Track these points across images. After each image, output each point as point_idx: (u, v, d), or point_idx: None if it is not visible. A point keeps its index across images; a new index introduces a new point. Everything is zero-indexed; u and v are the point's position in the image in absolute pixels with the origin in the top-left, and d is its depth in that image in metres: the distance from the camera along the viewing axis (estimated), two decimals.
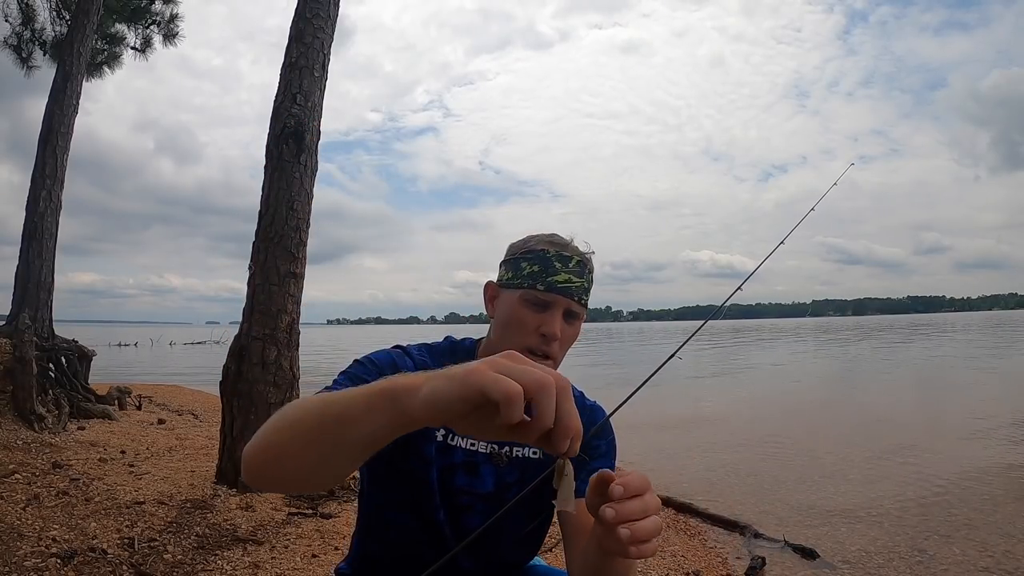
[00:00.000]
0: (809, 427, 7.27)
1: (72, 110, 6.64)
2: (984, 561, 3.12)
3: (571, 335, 1.00)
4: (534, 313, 0.97)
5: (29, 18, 8.60)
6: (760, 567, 3.06)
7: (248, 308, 3.83)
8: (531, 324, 0.96)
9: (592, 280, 1.03)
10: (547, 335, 0.96)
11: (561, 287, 0.97)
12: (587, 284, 1.01)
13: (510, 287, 1.00)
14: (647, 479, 0.69)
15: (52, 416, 5.17)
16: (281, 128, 3.93)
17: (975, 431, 6.49)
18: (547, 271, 0.97)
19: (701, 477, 5.04)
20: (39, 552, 2.50)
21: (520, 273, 0.99)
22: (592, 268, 1.03)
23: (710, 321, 1.25)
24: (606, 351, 27.21)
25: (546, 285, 0.97)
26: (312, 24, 4.09)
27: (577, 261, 0.99)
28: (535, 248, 1.00)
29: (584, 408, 1.06)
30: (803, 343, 29.52)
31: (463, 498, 0.99)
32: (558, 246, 1.00)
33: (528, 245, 1.01)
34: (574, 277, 0.98)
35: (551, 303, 0.97)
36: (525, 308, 0.97)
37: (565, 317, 0.98)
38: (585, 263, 1.01)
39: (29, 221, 6.27)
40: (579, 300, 0.99)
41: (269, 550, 2.81)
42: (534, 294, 0.97)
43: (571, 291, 0.98)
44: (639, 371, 12.21)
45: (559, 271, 0.97)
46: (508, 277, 1.01)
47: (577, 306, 0.99)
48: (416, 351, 1.03)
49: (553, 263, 0.98)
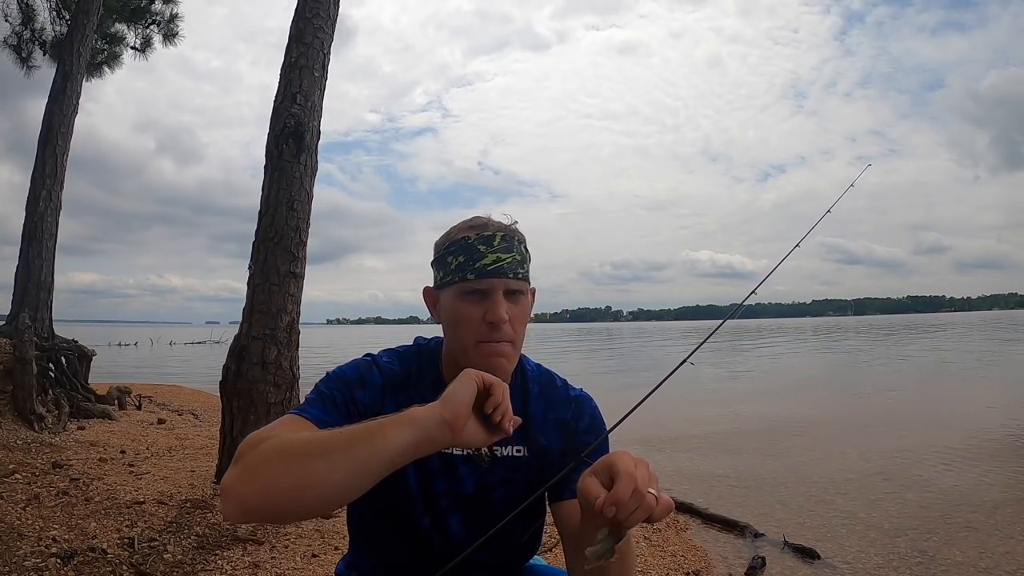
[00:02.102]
0: (809, 427, 7.27)
1: (72, 110, 6.64)
2: (984, 562, 3.11)
3: (520, 313, 0.96)
4: (475, 305, 0.93)
5: (29, 18, 8.61)
6: (760, 567, 3.06)
7: (248, 308, 3.83)
8: (475, 316, 0.93)
9: (525, 251, 0.98)
10: (494, 322, 0.92)
11: (492, 269, 0.93)
12: (519, 256, 0.96)
13: (445, 286, 0.97)
14: (631, 471, 0.68)
15: (52, 416, 5.17)
16: (281, 128, 3.93)
17: (976, 431, 6.48)
18: (473, 258, 0.94)
19: (701, 477, 5.04)
20: (39, 552, 2.50)
21: (449, 269, 0.96)
22: (522, 239, 0.99)
23: (711, 322, 1.24)
24: (607, 355, 27.19)
25: (476, 272, 0.93)
26: (312, 24, 4.09)
27: (501, 237, 0.95)
28: (456, 238, 0.97)
29: (569, 399, 1.06)
30: (804, 343, 29.52)
31: (444, 501, 0.99)
32: (477, 228, 0.96)
33: (450, 237, 0.98)
34: (502, 254, 0.94)
35: (487, 289, 0.93)
36: (464, 302, 0.94)
37: (507, 297, 0.94)
38: (511, 236, 0.97)
39: (29, 221, 6.27)
40: (515, 275, 0.95)
41: (269, 550, 2.81)
42: (467, 285, 0.94)
43: (503, 270, 0.94)
44: (647, 377, 12.24)
45: (485, 254, 0.94)
46: (440, 276, 0.98)
47: (515, 282, 0.95)
48: (385, 359, 1.02)
49: (477, 247, 0.94)
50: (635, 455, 0.71)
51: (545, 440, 1.02)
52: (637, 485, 0.67)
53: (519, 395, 1.04)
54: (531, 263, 1.00)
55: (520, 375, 1.05)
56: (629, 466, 0.68)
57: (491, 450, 1.00)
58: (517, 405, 1.03)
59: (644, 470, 0.69)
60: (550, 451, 1.02)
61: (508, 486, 1.00)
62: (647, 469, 0.70)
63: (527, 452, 1.01)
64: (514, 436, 1.02)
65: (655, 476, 0.70)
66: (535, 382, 1.06)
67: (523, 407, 1.03)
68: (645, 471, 0.69)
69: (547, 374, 1.08)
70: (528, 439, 1.02)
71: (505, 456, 1.01)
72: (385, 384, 0.98)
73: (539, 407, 1.04)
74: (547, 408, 1.04)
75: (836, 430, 7.01)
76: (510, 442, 1.01)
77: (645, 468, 0.69)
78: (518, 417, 0.80)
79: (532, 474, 1.01)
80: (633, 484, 0.67)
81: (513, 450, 1.01)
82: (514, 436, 1.02)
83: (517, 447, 1.01)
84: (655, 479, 0.70)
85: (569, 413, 1.04)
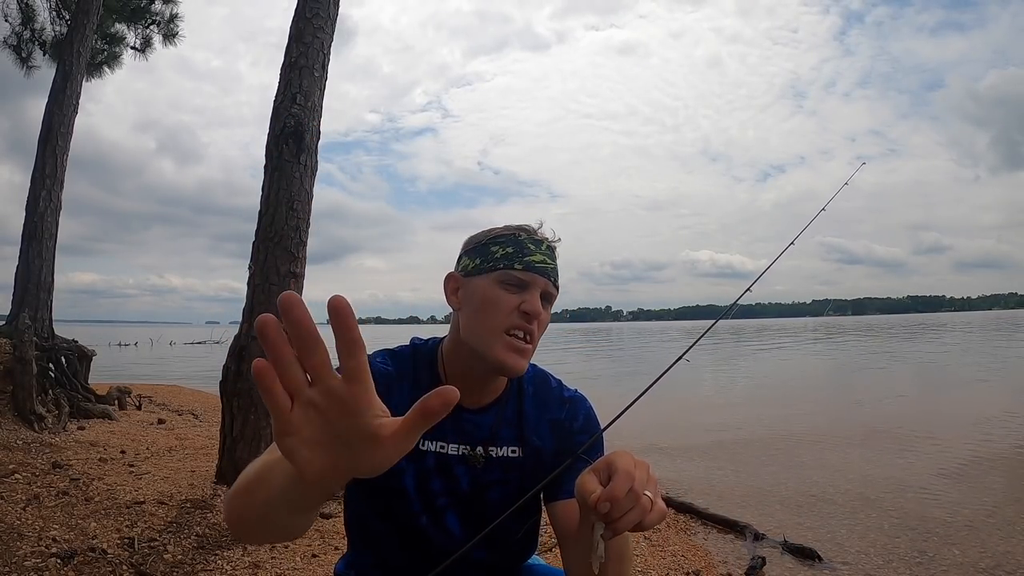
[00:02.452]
0: (810, 427, 7.27)
1: (72, 110, 6.64)
2: (984, 562, 3.11)
3: (546, 318, 0.98)
4: (513, 293, 0.94)
5: (29, 18, 8.61)
6: (760, 567, 3.06)
7: (248, 308, 3.84)
8: (510, 304, 0.94)
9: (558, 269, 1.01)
10: (529, 312, 0.93)
11: (539, 267, 0.95)
12: (558, 269, 1.00)
13: (481, 272, 0.97)
14: (630, 470, 0.68)
15: (52, 416, 5.17)
16: (281, 128, 3.93)
17: (976, 431, 6.48)
18: (523, 252, 0.96)
19: (701, 477, 5.04)
20: (39, 552, 2.50)
21: (492, 256, 0.96)
22: (557, 256, 1.01)
23: (711, 322, 1.24)
24: (607, 356, 27.20)
25: (524, 264, 0.95)
26: (312, 24, 4.09)
27: (547, 246, 0.99)
28: (506, 232, 0.98)
29: (563, 400, 1.06)
30: (804, 343, 29.51)
31: (441, 499, 0.99)
32: (528, 231, 0.99)
33: (495, 232, 1.00)
34: (548, 259, 0.97)
35: (530, 282, 0.95)
36: (503, 289, 0.95)
37: (542, 298, 0.96)
38: (554, 249, 1.00)
39: (29, 221, 6.27)
40: (554, 283, 0.98)
41: (269, 550, 2.81)
42: (512, 274, 0.95)
43: (548, 272, 0.96)
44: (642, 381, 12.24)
45: (534, 252, 0.96)
46: (477, 263, 0.98)
47: (553, 288, 0.98)
48: (380, 359, 1.02)
49: (527, 245, 0.97)
50: (637, 457, 0.71)
51: (539, 440, 1.02)
52: (634, 485, 0.66)
53: (515, 396, 1.04)
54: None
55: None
56: (628, 465, 0.68)
57: (486, 450, 1.00)
58: (513, 405, 1.04)
59: (644, 472, 0.69)
60: (544, 451, 1.02)
61: (503, 486, 1.01)
62: (647, 471, 0.69)
63: (521, 452, 1.02)
64: (509, 436, 1.02)
65: (655, 479, 0.70)
66: (530, 383, 1.06)
67: (518, 407, 1.04)
68: (644, 473, 0.69)
69: (542, 375, 1.09)
70: (523, 439, 1.02)
71: (500, 456, 1.01)
72: (377, 390, 0.98)
73: (534, 408, 1.04)
74: (542, 409, 1.04)
75: (836, 430, 7.01)
76: (505, 442, 1.02)
77: (645, 470, 0.69)
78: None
79: (527, 474, 1.01)
80: (630, 483, 0.66)
81: (508, 450, 1.02)
82: (509, 436, 1.02)
83: (512, 447, 1.02)
84: (654, 482, 0.69)
85: (563, 414, 1.05)
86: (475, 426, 1.00)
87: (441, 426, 1.00)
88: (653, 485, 0.69)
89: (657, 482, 0.70)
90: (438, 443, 0.99)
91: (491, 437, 1.01)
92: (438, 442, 0.99)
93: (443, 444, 0.99)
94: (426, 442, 0.99)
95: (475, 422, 1.01)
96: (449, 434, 0.99)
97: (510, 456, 1.01)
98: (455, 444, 1.00)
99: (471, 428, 1.00)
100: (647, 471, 0.69)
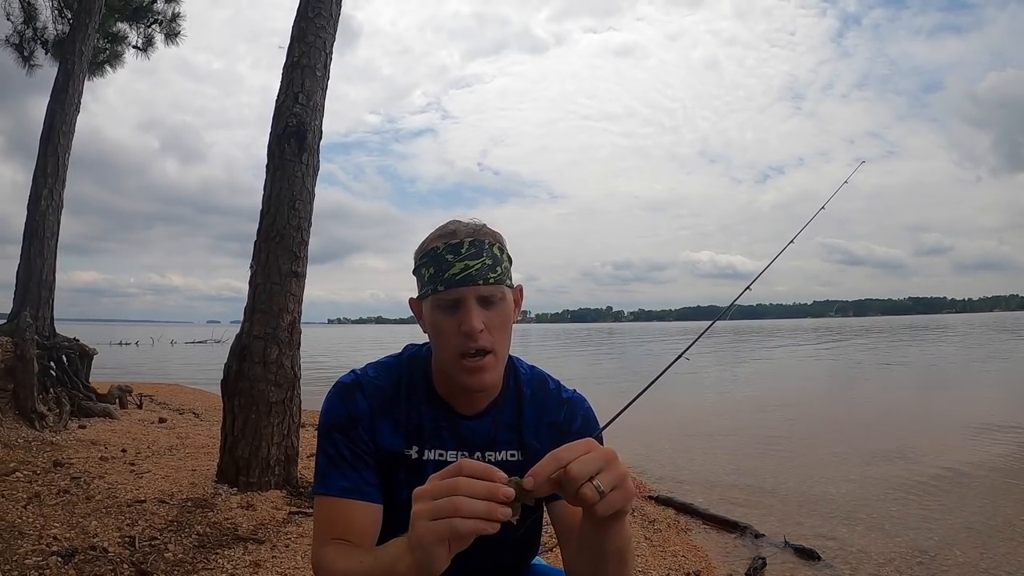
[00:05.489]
0: (810, 427, 7.27)
1: (74, 109, 6.64)
2: (985, 563, 3.11)
3: (499, 318, 0.95)
4: (450, 316, 0.93)
5: (31, 17, 8.61)
6: (760, 568, 3.06)
7: (249, 307, 3.84)
8: (451, 328, 0.92)
9: (499, 252, 0.96)
10: (468, 333, 0.91)
11: (460, 278, 0.92)
12: (490, 260, 0.94)
13: (423, 298, 0.97)
14: (558, 454, 0.68)
15: (53, 415, 5.18)
16: (283, 127, 3.93)
17: (976, 432, 6.48)
18: (441, 268, 0.93)
19: (701, 478, 5.04)
20: (40, 550, 2.51)
21: (424, 281, 0.96)
22: (494, 241, 0.96)
23: (712, 322, 1.24)
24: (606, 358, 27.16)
25: (445, 283, 0.92)
26: (314, 23, 4.09)
27: (469, 243, 0.94)
28: (427, 248, 0.96)
29: (562, 402, 1.06)
30: (804, 344, 29.48)
31: None
32: (445, 237, 0.95)
33: (423, 248, 0.98)
34: (470, 261, 0.93)
35: (459, 299, 0.92)
36: (440, 314, 0.94)
37: (481, 304, 0.93)
38: (480, 241, 0.95)
39: (31, 220, 6.27)
40: (486, 281, 0.92)
41: (270, 549, 2.82)
42: (439, 296, 0.93)
43: (472, 278, 0.92)
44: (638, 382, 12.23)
45: (452, 263, 0.92)
46: (419, 288, 0.99)
47: (487, 288, 0.93)
48: (372, 373, 1.02)
49: (445, 257, 0.93)
50: (599, 447, 0.69)
51: (539, 443, 1.02)
52: (568, 468, 0.67)
53: (513, 398, 1.04)
54: (513, 263, 1.00)
55: (513, 378, 1.05)
56: (561, 450, 0.68)
57: (484, 455, 1.01)
58: (511, 408, 1.04)
59: (594, 459, 0.68)
60: (543, 454, 1.02)
61: None
62: (600, 460, 0.68)
63: (521, 456, 1.02)
64: (508, 440, 1.02)
65: (617, 471, 0.68)
66: (528, 385, 1.06)
67: (517, 410, 1.04)
68: (595, 460, 0.68)
69: (540, 376, 1.09)
70: (522, 442, 1.02)
71: (499, 461, 1.01)
72: (373, 407, 0.99)
73: (532, 410, 1.04)
74: (540, 411, 1.04)
75: (836, 431, 7.01)
76: (504, 446, 1.02)
77: (596, 458, 0.68)
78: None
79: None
80: (556, 465, 0.67)
81: (507, 455, 1.02)
82: (508, 440, 1.02)
83: (511, 451, 1.02)
84: (616, 473, 0.68)
85: (562, 416, 1.05)
86: (473, 432, 1.01)
87: (440, 434, 1.00)
88: (611, 475, 0.68)
89: (622, 474, 0.69)
90: (437, 451, 1.00)
91: (489, 442, 1.01)
92: (437, 450, 1.00)
93: (442, 452, 1.00)
94: (426, 451, 0.99)
95: (472, 428, 1.01)
96: (448, 441, 1.00)
97: (509, 460, 1.01)
98: (454, 451, 1.00)
99: (469, 434, 1.00)
100: (600, 460, 0.68)
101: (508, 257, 0.99)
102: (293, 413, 3.81)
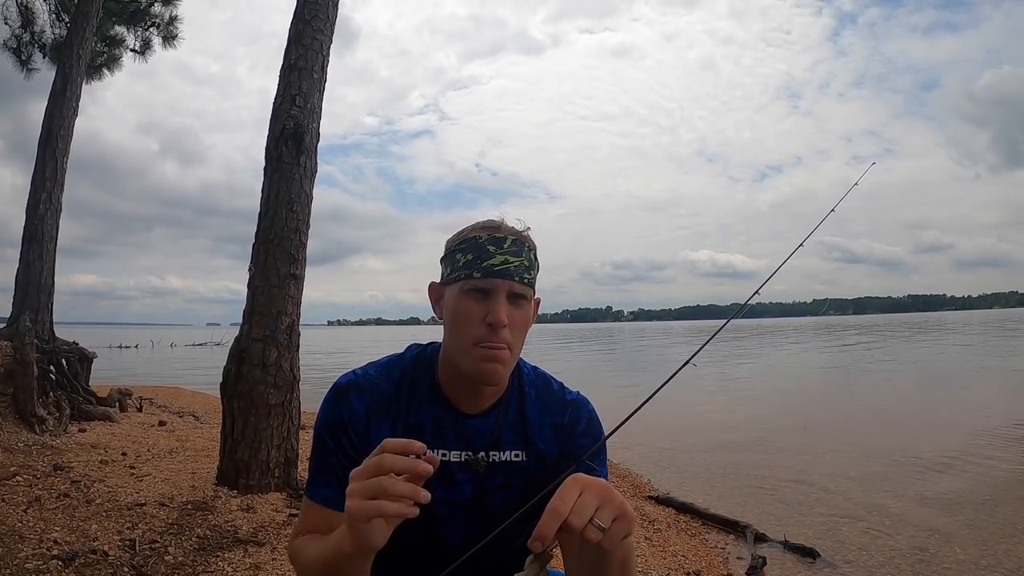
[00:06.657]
0: (810, 427, 7.27)
1: (72, 112, 6.64)
2: (985, 560, 3.12)
3: (521, 318, 0.95)
4: (477, 303, 0.93)
5: (29, 21, 8.61)
6: (761, 567, 3.06)
7: (248, 310, 3.84)
8: (476, 315, 0.93)
9: (534, 258, 0.98)
10: (493, 323, 0.91)
11: (498, 270, 0.93)
12: (527, 263, 0.96)
13: (451, 282, 0.97)
14: (557, 508, 0.65)
15: (53, 418, 5.17)
16: (280, 130, 3.94)
17: (976, 430, 6.48)
18: (481, 257, 0.93)
19: (701, 477, 5.04)
20: (40, 554, 2.51)
21: (457, 265, 0.96)
22: (532, 246, 0.98)
23: (712, 322, 1.23)
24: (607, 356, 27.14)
25: (482, 271, 0.93)
26: (311, 26, 4.09)
27: (512, 241, 0.95)
28: (467, 236, 0.97)
29: (565, 403, 1.05)
30: (804, 343, 29.49)
31: (440, 510, 0.98)
32: (489, 229, 0.96)
33: (461, 235, 0.98)
34: (511, 258, 0.94)
35: (492, 289, 0.93)
36: (468, 300, 0.94)
37: (510, 300, 0.94)
38: (522, 242, 0.96)
39: (29, 223, 6.27)
40: (521, 280, 0.94)
41: (270, 551, 2.82)
42: (473, 283, 0.93)
43: (510, 272, 0.93)
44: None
45: (493, 254, 0.93)
46: (447, 272, 0.98)
47: (520, 286, 0.94)
48: (372, 372, 1.01)
49: (486, 247, 0.94)
50: (591, 481, 0.68)
51: (542, 444, 1.02)
52: (569, 519, 0.65)
53: (516, 399, 1.04)
54: (539, 273, 1.00)
55: (517, 379, 1.05)
56: (556, 504, 0.66)
57: (487, 455, 1.00)
58: (515, 408, 1.04)
59: (590, 498, 0.66)
60: (547, 455, 1.02)
61: (506, 491, 1.00)
62: (597, 496, 0.66)
63: (525, 456, 1.01)
64: (512, 440, 1.02)
65: (614, 502, 0.67)
66: (532, 386, 1.06)
67: (521, 410, 1.03)
68: (591, 499, 0.66)
69: (544, 377, 1.08)
70: (526, 443, 1.02)
71: (503, 461, 1.01)
72: (369, 410, 0.98)
73: (536, 411, 1.04)
74: (544, 412, 1.04)
75: (837, 430, 7.01)
76: (508, 446, 1.01)
77: (593, 495, 0.66)
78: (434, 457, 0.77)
79: (530, 478, 1.00)
80: (558, 521, 0.65)
81: (511, 455, 1.01)
82: (512, 440, 1.02)
83: (515, 451, 1.01)
84: (613, 505, 0.67)
85: (565, 417, 1.04)
86: (476, 431, 1.00)
87: (443, 434, 0.99)
88: (609, 509, 0.66)
89: (619, 504, 0.67)
90: (439, 451, 0.99)
91: (493, 441, 1.00)
92: (440, 450, 0.99)
93: (444, 452, 0.99)
94: (427, 451, 0.99)
95: (476, 427, 1.00)
96: (451, 441, 0.99)
97: (513, 460, 1.01)
98: (457, 451, 0.99)
99: (472, 434, 1.00)
100: (595, 498, 0.67)
101: (539, 266, 1.00)
102: (293, 415, 3.81)
